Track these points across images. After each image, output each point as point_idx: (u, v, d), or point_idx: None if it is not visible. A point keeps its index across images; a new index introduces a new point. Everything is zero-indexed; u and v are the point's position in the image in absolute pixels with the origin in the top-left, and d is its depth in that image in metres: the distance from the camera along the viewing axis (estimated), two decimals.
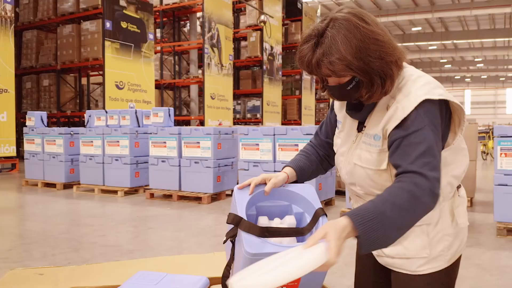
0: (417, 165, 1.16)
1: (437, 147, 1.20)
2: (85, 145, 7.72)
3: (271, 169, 5.93)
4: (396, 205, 1.12)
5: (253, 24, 14.99)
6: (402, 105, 1.22)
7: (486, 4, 22.38)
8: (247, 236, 1.24)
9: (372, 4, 24.49)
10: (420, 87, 1.23)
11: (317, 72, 1.26)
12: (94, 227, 5.07)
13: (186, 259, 1.87)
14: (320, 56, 1.20)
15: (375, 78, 1.22)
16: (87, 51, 11.34)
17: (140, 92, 12.27)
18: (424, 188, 1.14)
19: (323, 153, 1.58)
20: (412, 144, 1.19)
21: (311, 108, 17.61)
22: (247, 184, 1.40)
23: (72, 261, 3.76)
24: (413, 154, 1.18)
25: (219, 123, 13.40)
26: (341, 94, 1.29)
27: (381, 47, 1.20)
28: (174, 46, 14.25)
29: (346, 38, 1.17)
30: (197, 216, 5.67)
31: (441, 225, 1.33)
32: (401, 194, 1.14)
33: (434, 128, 1.20)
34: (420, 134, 1.19)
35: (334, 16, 1.22)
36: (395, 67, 1.23)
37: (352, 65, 1.18)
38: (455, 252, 1.36)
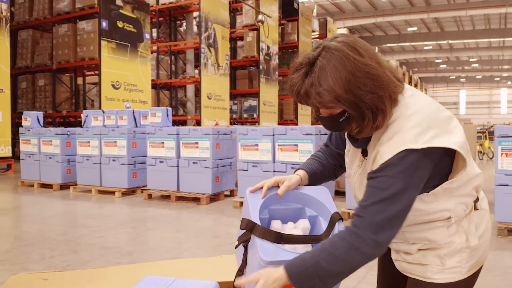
0: (368, 211, 1.16)
1: (400, 197, 1.15)
2: (82, 145, 7.65)
3: (271, 169, 5.90)
4: (332, 255, 1.15)
5: (249, 24, 14.96)
6: (383, 150, 1.18)
7: (482, 4, 22.47)
8: (261, 242, 1.21)
9: (368, 4, 24.52)
10: (409, 129, 1.17)
11: (306, 102, 1.22)
12: (92, 228, 5.02)
13: (193, 263, 1.83)
14: (308, 86, 1.17)
15: (366, 112, 1.17)
16: (83, 51, 11.27)
17: (137, 92, 12.21)
18: (366, 239, 1.14)
19: (334, 163, 1.55)
20: (372, 188, 1.18)
21: (308, 108, 17.61)
22: (260, 187, 1.37)
23: (71, 263, 3.71)
24: (370, 200, 1.17)
25: (215, 123, 13.36)
26: (333, 125, 1.25)
27: (373, 80, 1.15)
28: (170, 46, 14.20)
29: (336, 69, 1.14)
30: (196, 217, 5.63)
31: (459, 240, 1.29)
32: (340, 245, 1.16)
33: (405, 176, 1.14)
34: (384, 181, 1.16)
35: (326, 45, 1.18)
36: (388, 101, 1.18)
37: (340, 97, 1.14)
38: (474, 265, 1.32)
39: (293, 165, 5.74)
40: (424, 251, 1.31)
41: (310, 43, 17.79)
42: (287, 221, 1.39)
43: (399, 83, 1.22)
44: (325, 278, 1.15)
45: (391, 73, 1.21)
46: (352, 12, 26.06)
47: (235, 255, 1.49)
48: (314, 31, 19.22)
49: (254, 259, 1.23)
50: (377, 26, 29.32)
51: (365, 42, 1.22)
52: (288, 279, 1.15)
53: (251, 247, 1.27)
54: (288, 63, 17.11)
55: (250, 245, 1.28)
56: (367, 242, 1.14)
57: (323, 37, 19.02)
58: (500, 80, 50.50)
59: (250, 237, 1.29)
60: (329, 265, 1.14)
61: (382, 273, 1.61)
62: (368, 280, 3.27)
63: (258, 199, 1.32)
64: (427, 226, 1.25)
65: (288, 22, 16.97)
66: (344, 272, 1.17)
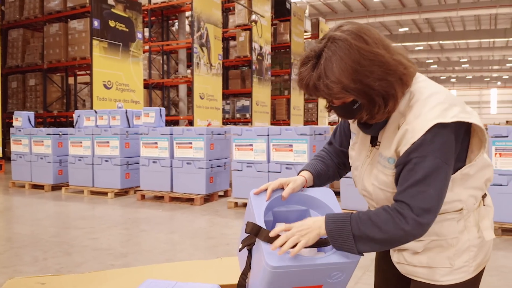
0: (407, 194, 1.17)
1: (439, 174, 1.16)
2: (74, 145, 7.58)
3: (265, 169, 5.88)
4: (371, 219, 1.19)
5: (242, 23, 14.92)
6: (413, 128, 1.17)
7: (472, 5, 22.65)
8: (267, 247, 1.19)
9: (360, 4, 24.61)
10: (432, 108, 1.17)
11: (315, 95, 1.23)
12: (85, 229, 4.96)
13: (193, 266, 1.80)
14: (316, 78, 1.17)
15: (376, 98, 1.17)
16: (75, 50, 11.16)
17: (129, 92, 12.12)
18: (406, 217, 1.15)
19: (338, 162, 1.54)
20: (410, 171, 1.17)
21: (300, 108, 17.62)
22: (264, 189, 1.34)
23: (64, 266, 3.66)
24: (407, 182, 1.17)
25: (208, 123, 13.31)
26: (346, 113, 1.26)
27: (380, 67, 1.15)
28: (162, 46, 14.12)
29: (341, 60, 1.13)
30: (190, 218, 5.60)
31: (467, 236, 1.28)
32: (381, 214, 1.19)
33: (440, 154, 1.15)
34: (420, 162, 1.15)
35: (332, 35, 1.18)
36: (399, 85, 1.18)
37: (348, 87, 1.14)
38: (480, 264, 1.32)
39: (287, 165, 5.73)
40: (430, 251, 1.29)
41: (303, 43, 17.80)
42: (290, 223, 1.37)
43: (410, 64, 1.21)
44: (358, 238, 1.18)
45: (400, 56, 1.21)
46: (344, 13, 26.13)
47: (238, 258, 1.47)
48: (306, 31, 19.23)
49: (259, 263, 1.21)
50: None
51: (371, 28, 1.21)
52: (324, 225, 1.21)
53: (255, 250, 1.25)
54: (280, 63, 17.11)
55: (254, 249, 1.26)
56: (408, 220, 1.16)
57: (315, 37, 19.04)
58: (490, 81, 50.97)
59: (255, 241, 1.26)
60: (365, 227, 1.18)
61: (380, 276, 1.59)
62: (365, 280, 3.27)
63: (262, 202, 1.30)
64: (438, 218, 1.24)
65: (280, 22, 16.96)
66: (376, 240, 1.18)
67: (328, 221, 1.22)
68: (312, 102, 19.29)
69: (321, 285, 1.26)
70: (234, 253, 4.08)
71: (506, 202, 4.48)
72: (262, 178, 5.90)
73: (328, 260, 1.20)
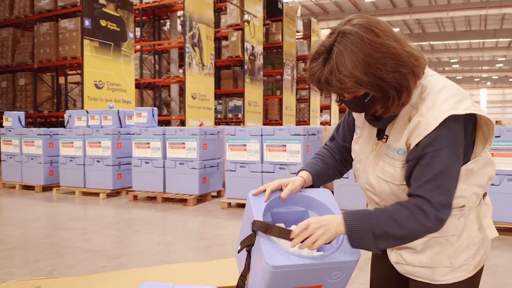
0: (425, 189, 1.16)
1: (454, 168, 1.16)
2: (65, 146, 7.51)
3: (259, 170, 5.86)
4: (392, 217, 1.18)
5: (234, 23, 14.88)
6: (426, 119, 1.16)
7: (462, 6, 22.81)
8: (267, 247, 1.18)
9: (352, 5, 24.69)
10: (445, 100, 1.17)
11: (327, 90, 1.21)
12: (77, 231, 4.92)
13: (190, 267, 1.78)
14: (328, 73, 1.16)
15: (389, 91, 1.16)
16: (65, 50, 11.06)
17: (120, 91, 12.03)
18: (427, 213, 1.16)
19: (340, 158, 1.52)
20: (427, 166, 1.17)
21: (292, 108, 17.62)
22: (262, 190, 1.33)
23: (56, 268, 3.62)
24: (425, 177, 1.17)
25: (200, 123, 13.26)
26: (358, 107, 1.24)
27: (392, 59, 1.14)
28: (154, 45, 14.04)
29: (353, 54, 1.12)
30: (183, 219, 5.57)
31: (467, 235, 1.29)
32: (401, 211, 1.18)
33: (453, 148, 1.16)
34: (437, 155, 1.15)
35: (342, 30, 1.17)
36: (411, 77, 1.17)
37: (361, 81, 1.13)
38: (479, 262, 1.32)
39: (281, 165, 5.72)
40: (429, 249, 1.29)
41: (295, 43, 17.81)
42: (290, 225, 1.35)
43: (420, 55, 1.21)
44: (378, 237, 1.17)
45: (410, 47, 1.20)
46: (335, 13, 26.19)
47: (236, 260, 1.45)
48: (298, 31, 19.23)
49: (258, 264, 1.20)
50: None
51: (380, 20, 1.20)
52: (343, 225, 1.19)
53: (255, 251, 1.23)
54: (272, 63, 17.11)
55: (254, 250, 1.25)
56: (429, 216, 1.16)
57: (307, 38, 19.06)
58: (479, 81, 51.42)
59: (254, 241, 1.25)
60: (386, 225, 1.17)
61: (376, 275, 1.58)
62: (360, 280, 3.27)
63: (261, 203, 1.29)
64: None
65: (272, 22, 16.94)
66: (397, 237, 1.18)
67: (347, 219, 1.21)
68: (304, 102, 19.31)
69: (321, 285, 1.26)
70: (228, 254, 4.06)
71: (498, 202, 4.50)
72: (255, 179, 5.89)
73: (329, 259, 1.20)
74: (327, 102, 21.55)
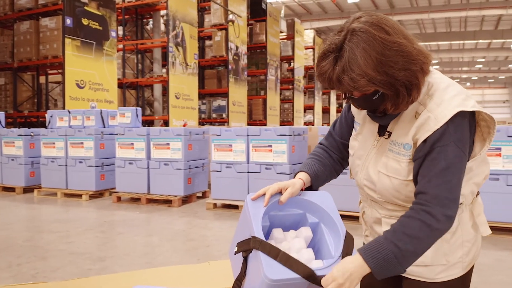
0: (433, 185, 1.16)
1: (460, 163, 1.17)
2: (46, 147, 7.37)
3: (245, 170, 5.84)
4: (406, 235, 1.16)
5: (218, 23, 14.82)
6: (436, 115, 1.17)
7: (443, 8, 23.14)
8: (266, 258, 1.15)
9: (335, 6, 24.84)
10: (453, 97, 1.19)
11: (338, 88, 1.20)
12: (60, 233, 4.82)
13: (180, 270, 1.75)
14: (340, 72, 1.14)
15: (400, 89, 1.15)
16: (46, 49, 10.86)
17: (102, 91, 11.87)
18: (436, 214, 1.15)
19: (337, 156, 1.51)
20: (433, 161, 1.17)
21: (276, 109, 17.63)
22: (261, 194, 1.29)
23: (40, 271, 3.54)
24: (432, 172, 1.17)
25: (184, 123, 13.17)
26: (367, 105, 1.23)
27: (403, 57, 1.13)
28: (137, 44, 13.90)
29: (365, 52, 1.11)
30: (169, 220, 5.51)
31: (461, 232, 1.30)
32: (412, 224, 1.16)
33: (460, 144, 1.17)
34: (444, 151, 1.16)
35: (351, 28, 1.15)
36: (421, 74, 1.17)
37: (374, 79, 1.12)
38: (472, 259, 1.34)
39: (267, 165, 5.71)
40: None
41: (278, 43, 17.82)
42: (288, 228, 1.33)
43: (429, 53, 1.21)
44: (402, 259, 1.15)
45: (418, 45, 1.20)
46: (319, 14, 26.31)
47: (230, 260, 1.41)
48: (282, 31, 19.26)
49: (256, 273, 1.17)
50: None
51: (389, 17, 1.19)
52: (366, 266, 1.16)
53: (253, 258, 1.20)
54: (256, 64, 17.09)
55: (252, 256, 1.21)
56: (437, 217, 1.15)
57: (291, 38, 19.09)
58: (460, 82, 52.26)
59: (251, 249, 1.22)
60: (405, 245, 1.15)
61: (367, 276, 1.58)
62: None
63: (260, 208, 1.25)
64: None
65: (256, 23, 16.92)
66: (419, 251, 1.17)
67: (368, 258, 1.17)
68: (287, 103, 19.34)
69: None
70: (215, 255, 4.03)
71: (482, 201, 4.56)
72: (241, 179, 5.87)
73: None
74: (311, 103, 21.63)
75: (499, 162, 4.60)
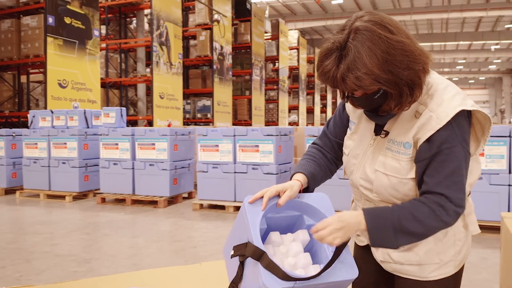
0: (444, 186, 1.19)
1: (466, 164, 1.21)
2: (28, 147, 7.24)
3: (231, 170, 5.82)
4: (412, 215, 1.19)
5: (202, 23, 14.76)
6: (437, 114, 1.18)
7: (425, 9, 23.44)
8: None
9: (319, 7, 24.96)
10: (453, 96, 1.21)
11: (342, 87, 1.19)
12: (44, 235, 4.74)
13: (172, 272, 1.73)
14: (345, 71, 1.13)
15: (403, 88, 1.16)
16: (28, 48, 10.68)
17: (85, 91, 11.71)
18: (447, 209, 1.19)
19: (332, 156, 1.50)
20: (442, 162, 1.19)
21: (261, 109, 17.63)
22: (259, 197, 1.27)
23: (24, 274, 3.47)
24: (442, 174, 1.19)
25: (168, 123, 13.08)
26: (368, 104, 1.23)
27: (407, 56, 1.14)
28: (120, 44, 13.75)
29: (371, 51, 1.11)
30: (154, 221, 5.47)
31: (453, 231, 1.32)
32: (422, 209, 1.19)
33: (465, 144, 1.19)
34: (452, 152, 1.18)
35: (355, 26, 1.14)
36: (423, 74, 1.18)
37: (380, 78, 1.12)
38: (463, 257, 1.36)
39: (254, 165, 5.70)
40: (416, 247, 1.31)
41: (263, 44, 17.83)
42: (284, 229, 1.32)
43: (429, 53, 1.22)
44: (399, 234, 1.19)
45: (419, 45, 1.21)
46: (303, 15, 26.40)
47: (225, 260, 1.40)
48: (266, 32, 19.28)
49: (254, 278, 1.16)
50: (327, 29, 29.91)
51: (390, 16, 1.20)
52: (365, 224, 1.19)
53: (250, 263, 1.19)
54: (241, 64, 17.07)
55: (249, 261, 1.20)
56: (449, 212, 1.19)
57: (275, 39, 19.11)
58: None
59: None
60: (407, 223, 1.18)
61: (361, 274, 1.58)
62: None
63: (257, 212, 1.23)
64: None
65: (241, 23, 16.90)
66: (417, 234, 1.20)
67: (368, 218, 1.20)
68: (272, 103, 19.36)
69: None
70: (202, 257, 4.01)
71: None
72: (228, 179, 5.85)
73: (326, 279, 1.17)
74: (295, 103, 21.70)
75: (482, 161, 4.68)
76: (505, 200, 4.70)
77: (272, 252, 1.24)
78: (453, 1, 22.80)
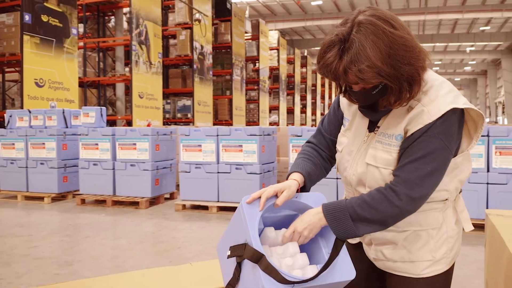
0: (405, 170, 1.21)
1: (439, 154, 1.20)
2: (5, 148, 7.07)
3: (215, 170, 5.79)
4: (366, 202, 1.22)
5: (182, 22, 14.66)
6: (429, 109, 1.20)
7: (402, 11, 23.78)
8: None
9: (298, 8, 25.08)
10: (446, 93, 1.22)
11: (343, 80, 1.20)
12: (23, 238, 4.63)
13: (162, 273, 1.70)
14: (347, 63, 1.13)
15: (403, 83, 1.17)
16: (3, 46, 10.42)
17: (62, 90, 11.50)
18: (399, 193, 1.20)
19: (326, 154, 1.50)
20: (412, 148, 1.21)
21: (242, 109, 17.61)
22: (257, 197, 1.26)
23: (4, 277, 3.38)
24: (407, 159, 1.21)
25: (148, 123, 12.94)
26: (366, 98, 1.24)
27: (409, 52, 1.15)
28: (98, 42, 13.56)
29: (374, 44, 1.11)
30: (136, 222, 5.40)
31: (445, 228, 1.34)
32: (375, 196, 1.22)
33: (444, 137, 1.20)
34: (425, 141, 1.20)
35: (358, 20, 1.15)
36: (422, 71, 1.20)
37: (382, 72, 1.13)
38: (455, 255, 1.38)
39: (237, 165, 5.69)
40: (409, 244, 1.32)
41: (243, 44, 17.82)
42: (280, 227, 1.32)
43: (426, 51, 1.23)
44: (357, 222, 1.21)
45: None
46: (283, 15, 26.49)
47: (220, 261, 1.38)
48: (246, 32, 19.26)
49: (252, 281, 1.15)
50: (307, 30, 30.10)
51: (392, 13, 1.20)
52: (325, 220, 1.24)
53: (248, 264, 1.18)
54: (222, 63, 17.01)
55: (246, 263, 1.19)
56: (400, 196, 1.20)
57: (256, 39, 19.11)
58: None
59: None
60: (362, 211, 1.21)
61: None
62: None
63: (255, 213, 1.22)
64: (424, 207, 1.28)
65: (221, 22, 16.85)
66: (374, 221, 1.22)
67: (326, 212, 1.24)
68: (253, 103, 19.36)
69: None
70: (187, 257, 3.97)
71: None
72: (211, 180, 5.82)
73: (324, 281, 1.17)
74: (276, 103, 21.75)
75: None
76: (483, 198, 4.80)
77: (269, 253, 1.23)
78: (429, 3, 23.21)
